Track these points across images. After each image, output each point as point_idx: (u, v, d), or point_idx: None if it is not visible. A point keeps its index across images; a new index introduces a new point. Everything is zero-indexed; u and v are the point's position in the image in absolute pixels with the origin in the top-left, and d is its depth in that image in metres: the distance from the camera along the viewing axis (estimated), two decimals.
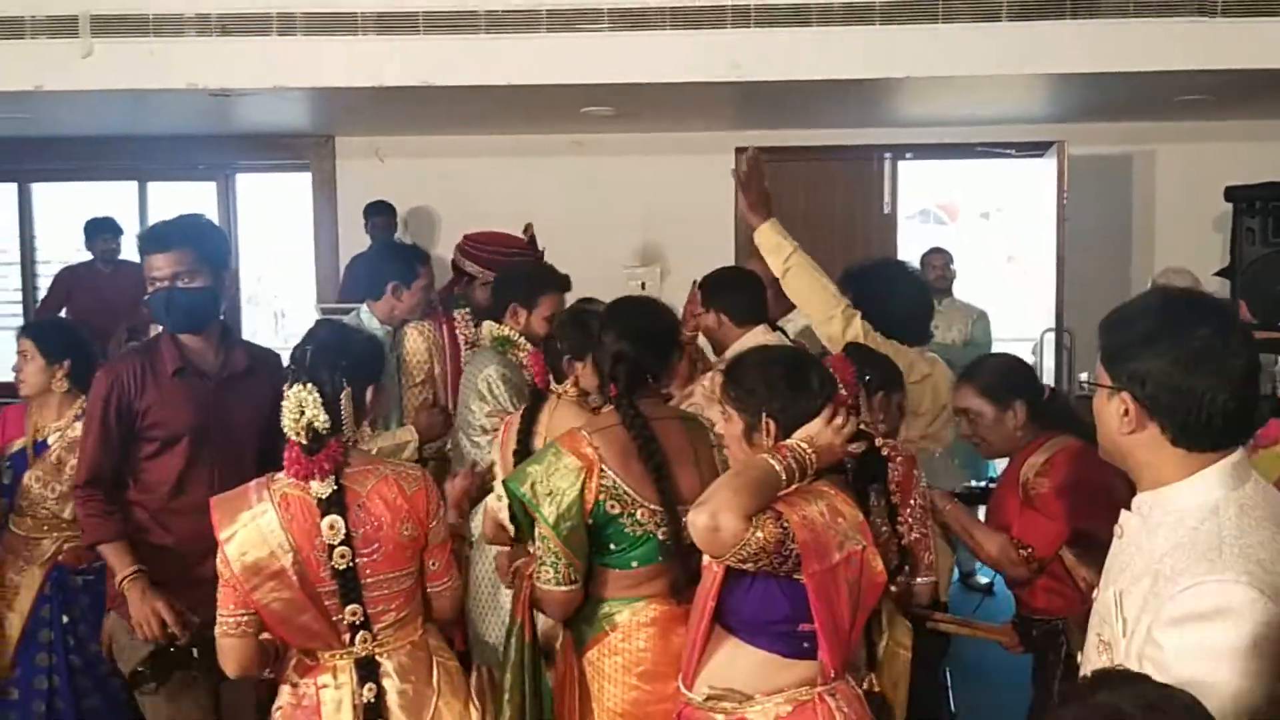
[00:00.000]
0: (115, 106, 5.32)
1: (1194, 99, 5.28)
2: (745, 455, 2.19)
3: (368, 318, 3.79)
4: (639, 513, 2.37)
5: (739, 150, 6.25)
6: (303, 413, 2.22)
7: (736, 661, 2.16)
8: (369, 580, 2.27)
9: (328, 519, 2.23)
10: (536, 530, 2.36)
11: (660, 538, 2.39)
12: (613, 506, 2.35)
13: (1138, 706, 1.33)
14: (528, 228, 4.49)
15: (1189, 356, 1.58)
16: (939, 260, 6.17)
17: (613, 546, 2.40)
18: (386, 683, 2.31)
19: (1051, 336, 5.96)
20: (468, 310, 3.94)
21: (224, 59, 4.63)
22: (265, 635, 2.32)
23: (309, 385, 2.24)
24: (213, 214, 6.82)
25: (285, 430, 2.25)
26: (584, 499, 2.33)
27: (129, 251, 6.82)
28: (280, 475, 2.29)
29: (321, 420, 2.23)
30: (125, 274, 5.92)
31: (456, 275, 4.10)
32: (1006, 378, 2.90)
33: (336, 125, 6.28)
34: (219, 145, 6.50)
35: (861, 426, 2.32)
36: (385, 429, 3.59)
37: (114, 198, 7.07)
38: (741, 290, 3.43)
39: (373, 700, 2.28)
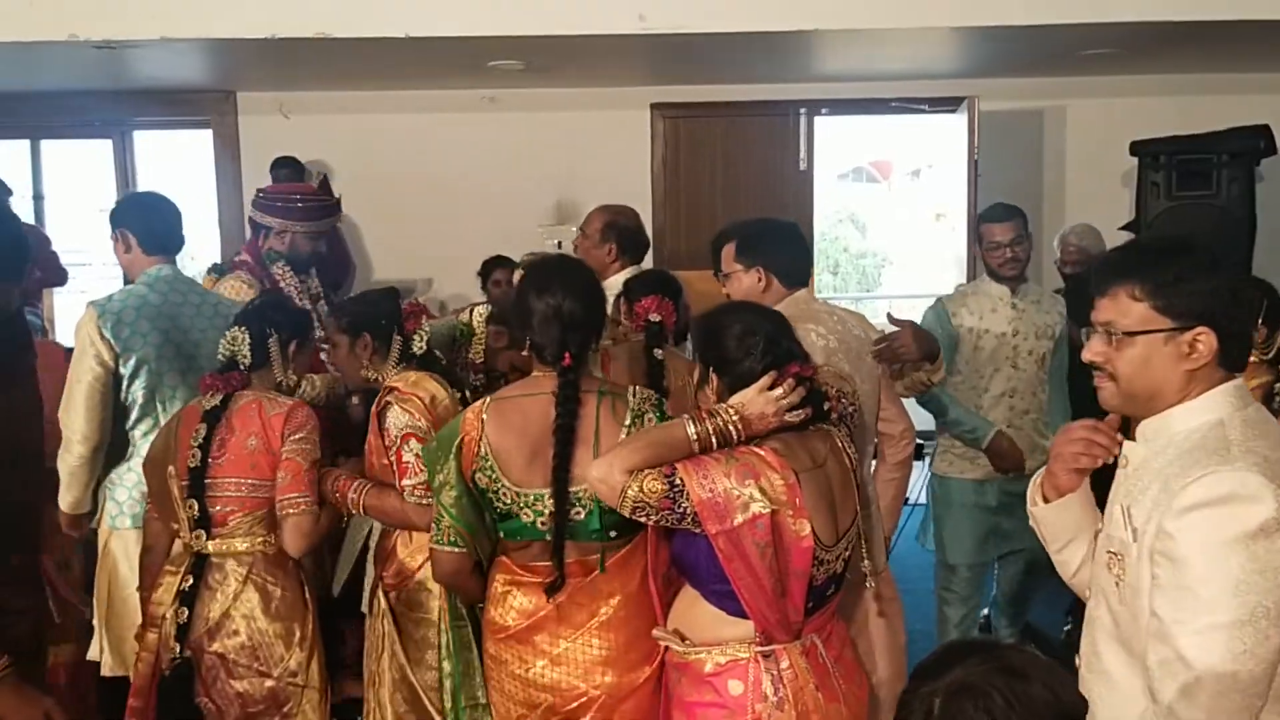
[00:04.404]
0: (1, 61, 5.05)
1: (1102, 53, 5.31)
2: (703, 403, 2.23)
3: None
4: (502, 491, 2.29)
5: (654, 106, 6.22)
6: (233, 347, 2.80)
7: (690, 609, 2.23)
8: (213, 480, 2.67)
9: (200, 426, 2.70)
10: None
11: (524, 519, 2.30)
12: (481, 479, 2.30)
13: (997, 673, 1.33)
14: (320, 175, 4.89)
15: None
16: (1005, 233, 3.71)
17: (497, 515, 2.36)
18: (207, 579, 2.66)
19: None
20: (283, 263, 3.89)
21: (107, 9, 4.40)
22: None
23: (241, 328, 2.80)
24: (109, 173, 6.55)
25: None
26: (461, 467, 2.30)
27: (23, 213, 6.54)
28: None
29: (243, 354, 2.78)
30: None
31: (254, 230, 4.06)
32: None
33: (237, 80, 6.03)
34: (114, 101, 6.20)
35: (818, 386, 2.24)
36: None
37: (5, 156, 6.73)
38: (789, 244, 2.92)
39: (186, 590, 2.65)
